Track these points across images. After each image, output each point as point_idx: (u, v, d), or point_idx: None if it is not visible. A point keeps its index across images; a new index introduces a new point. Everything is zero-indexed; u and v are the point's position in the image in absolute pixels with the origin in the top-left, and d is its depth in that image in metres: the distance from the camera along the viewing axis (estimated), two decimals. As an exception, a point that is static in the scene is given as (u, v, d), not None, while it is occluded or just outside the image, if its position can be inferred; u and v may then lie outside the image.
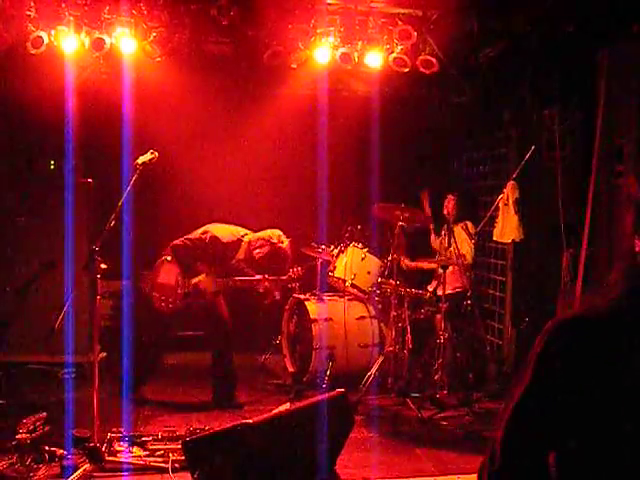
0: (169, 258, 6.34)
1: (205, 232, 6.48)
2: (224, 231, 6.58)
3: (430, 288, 7.42)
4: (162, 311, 6.40)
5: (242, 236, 6.63)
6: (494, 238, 7.20)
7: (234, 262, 6.61)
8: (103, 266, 4.97)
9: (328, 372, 6.78)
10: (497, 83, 7.04)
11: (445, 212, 7.44)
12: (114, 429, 5.34)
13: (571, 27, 6.05)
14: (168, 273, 6.40)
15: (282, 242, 6.61)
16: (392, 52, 6.62)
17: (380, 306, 7.35)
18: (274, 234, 6.63)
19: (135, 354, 6.36)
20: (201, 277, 6.49)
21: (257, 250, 6.57)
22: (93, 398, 4.96)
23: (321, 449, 3.95)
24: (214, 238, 6.45)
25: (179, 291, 6.41)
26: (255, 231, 6.72)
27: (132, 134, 6.79)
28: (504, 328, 7.59)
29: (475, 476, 1.75)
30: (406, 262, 7.59)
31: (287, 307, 7.55)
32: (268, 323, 8.03)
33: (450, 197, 7.48)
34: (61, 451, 5.05)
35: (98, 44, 6.20)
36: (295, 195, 8.46)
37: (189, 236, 6.46)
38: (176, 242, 6.42)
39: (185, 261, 6.42)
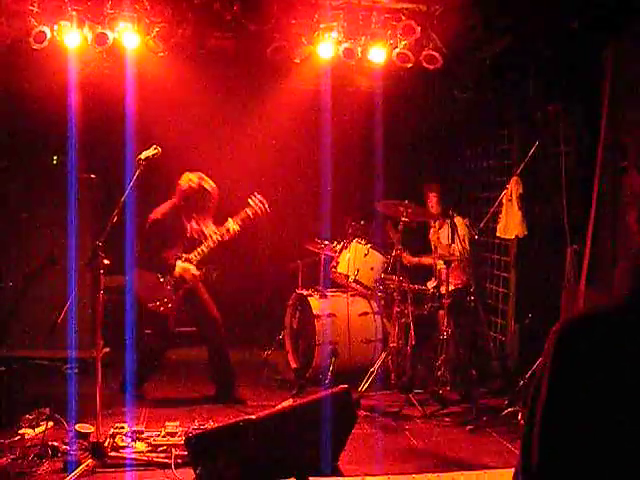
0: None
1: (146, 222, 6.36)
2: (159, 209, 6.44)
3: (430, 285, 7.41)
4: (167, 313, 6.34)
5: (170, 204, 6.47)
6: (497, 234, 7.18)
7: (190, 232, 6.43)
8: (106, 262, 4.97)
9: (331, 368, 6.78)
10: (501, 79, 7.02)
11: (431, 210, 7.45)
12: (117, 424, 5.34)
13: (575, 23, 6.02)
14: (145, 278, 6.36)
15: (193, 179, 6.42)
16: (396, 47, 6.60)
17: (383, 302, 7.35)
18: (184, 177, 6.48)
19: (139, 351, 6.36)
20: (179, 266, 6.33)
21: (179, 195, 6.42)
22: (96, 393, 4.96)
23: (324, 445, 3.95)
24: (152, 221, 6.34)
25: (168, 287, 6.33)
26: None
27: (135, 129, 6.79)
28: (507, 324, 7.58)
29: (478, 473, 1.74)
30: (408, 257, 7.59)
31: (290, 302, 7.56)
32: (271, 319, 8.03)
33: (431, 194, 7.49)
34: (64, 446, 5.07)
35: (101, 39, 6.19)
36: (298, 191, 8.46)
37: (138, 238, 6.41)
38: (136, 249, 6.39)
39: (153, 260, 6.34)
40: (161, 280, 6.33)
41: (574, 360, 1.59)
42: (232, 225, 6.48)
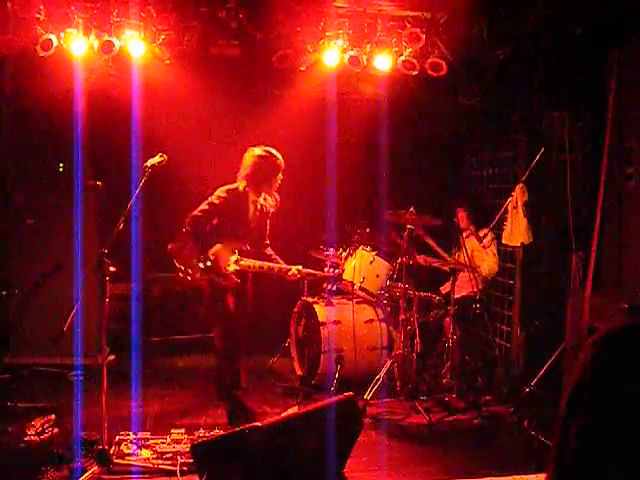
0: (189, 229, 5.96)
1: (214, 196, 6.10)
2: (227, 186, 6.18)
3: (443, 290, 7.42)
4: (184, 281, 6.05)
5: (239, 186, 6.22)
6: (503, 241, 7.18)
7: (251, 223, 6.20)
8: (112, 269, 4.98)
9: (336, 375, 6.77)
10: (506, 86, 7.02)
11: (461, 225, 7.48)
12: (122, 432, 5.35)
13: (580, 30, 6.03)
14: (189, 244, 6.03)
15: (256, 150, 6.22)
16: (401, 55, 6.62)
17: (389, 309, 7.35)
18: (248, 151, 6.28)
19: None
20: (217, 247, 6.01)
21: (246, 172, 6.19)
22: (102, 400, 4.96)
23: (329, 452, 3.94)
24: (220, 198, 6.06)
25: (200, 265, 5.94)
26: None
27: (141, 136, 6.81)
28: (513, 331, 7.56)
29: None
30: (423, 257, 7.50)
31: (296, 310, 7.55)
32: (277, 326, 8.02)
33: (460, 211, 7.52)
34: (70, 453, 5.06)
35: (107, 47, 6.22)
36: (303, 197, 8.46)
37: (200, 207, 6.06)
38: (190, 216, 6.01)
39: (201, 237, 5.99)
40: (197, 253, 5.98)
41: (619, 371, 1.57)
42: (294, 270, 6.22)
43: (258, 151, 6.20)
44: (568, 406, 1.64)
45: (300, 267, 6.25)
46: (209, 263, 5.95)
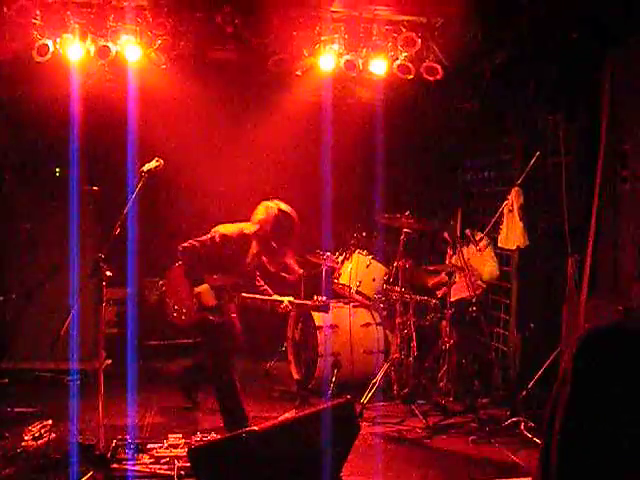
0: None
1: (214, 232, 5.89)
2: (232, 228, 5.97)
3: (439, 294, 7.42)
4: (176, 323, 5.94)
5: (246, 230, 5.98)
6: (499, 244, 7.19)
7: (248, 265, 6.01)
8: (108, 273, 4.98)
9: (333, 379, 6.78)
10: (501, 89, 7.03)
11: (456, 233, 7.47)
12: (119, 436, 5.35)
13: (575, 33, 6.05)
14: (182, 281, 5.86)
15: (280, 206, 5.93)
16: (396, 59, 6.63)
17: (385, 313, 7.35)
18: (267, 205, 5.97)
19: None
20: (202, 287, 5.85)
21: (262, 224, 5.89)
22: (98, 405, 4.96)
23: (326, 456, 3.94)
24: (223, 236, 5.83)
25: (194, 300, 5.85)
26: None
27: (137, 141, 6.81)
28: (509, 334, 7.57)
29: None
30: (429, 280, 7.48)
31: (292, 314, 7.55)
32: (273, 330, 8.02)
33: (458, 215, 7.51)
34: (67, 458, 5.05)
35: (103, 52, 6.22)
36: (299, 202, 8.45)
37: (198, 238, 5.88)
38: (184, 244, 5.83)
39: (193, 268, 5.85)
40: (193, 289, 5.85)
41: (597, 371, 1.58)
42: (286, 302, 6.03)
43: (269, 208, 5.94)
44: (552, 406, 1.65)
45: (291, 298, 6.09)
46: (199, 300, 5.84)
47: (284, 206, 5.95)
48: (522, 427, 5.96)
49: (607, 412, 1.54)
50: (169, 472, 4.89)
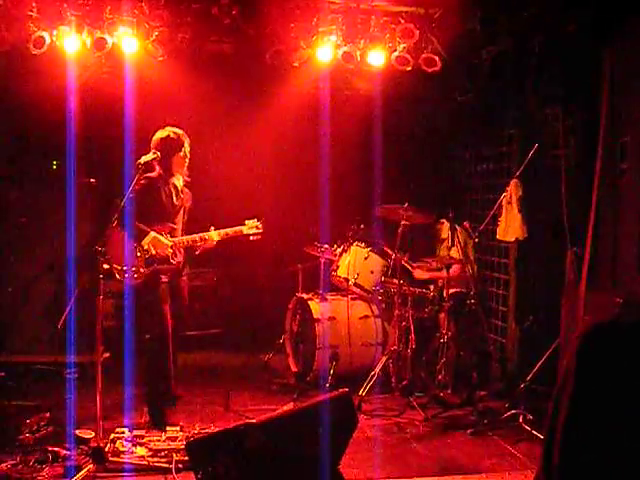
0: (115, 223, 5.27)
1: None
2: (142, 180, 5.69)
3: (432, 287, 7.41)
4: (129, 282, 5.73)
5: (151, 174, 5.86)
6: (497, 237, 7.17)
7: (174, 206, 6.00)
8: (105, 266, 4.97)
9: (331, 371, 6.78)
10: (500, 81, 7.01)
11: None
12: (117, 429, 5.35)
13: (572, 27, 6.03)
14: (120, 241, 5.62)
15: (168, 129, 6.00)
16: (394, 50, 6.61)
17: (383, 305, 7.34)
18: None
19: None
20: (148, 237, 5.74)
21: (154, 146, 5.86)
22: (96, 398, 4.95)
23: (324, 449, 3.93)
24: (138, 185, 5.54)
25: (138, 255, 5.71)
26: None
27: (134, 134, 6.78)
28: (508, 327, 7.57)
29: (479, 476, 1.72)
30: (418, 273, 7.46)
31: (290, 306, 7.55)
32: (271, 322, 8.02)
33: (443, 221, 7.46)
34: (64, 451, 5.06)
35: (100, 44, 6.19)
36: (298, 194, 8.45)
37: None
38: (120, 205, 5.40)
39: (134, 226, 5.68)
40: (136, 248, 5.72)
41: (598, 367, 1.57)
42: (214, 236, 6.03)
43: (160, 134, 5.95)
44: (554, 404, 1.64)
45: (213, 229, 6.04)
46: (152, 253, 5.74)
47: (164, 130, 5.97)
48: (521, 420, 5.96)
49: (610, 410, 1.53)
50: (167, 465, 4.89)
